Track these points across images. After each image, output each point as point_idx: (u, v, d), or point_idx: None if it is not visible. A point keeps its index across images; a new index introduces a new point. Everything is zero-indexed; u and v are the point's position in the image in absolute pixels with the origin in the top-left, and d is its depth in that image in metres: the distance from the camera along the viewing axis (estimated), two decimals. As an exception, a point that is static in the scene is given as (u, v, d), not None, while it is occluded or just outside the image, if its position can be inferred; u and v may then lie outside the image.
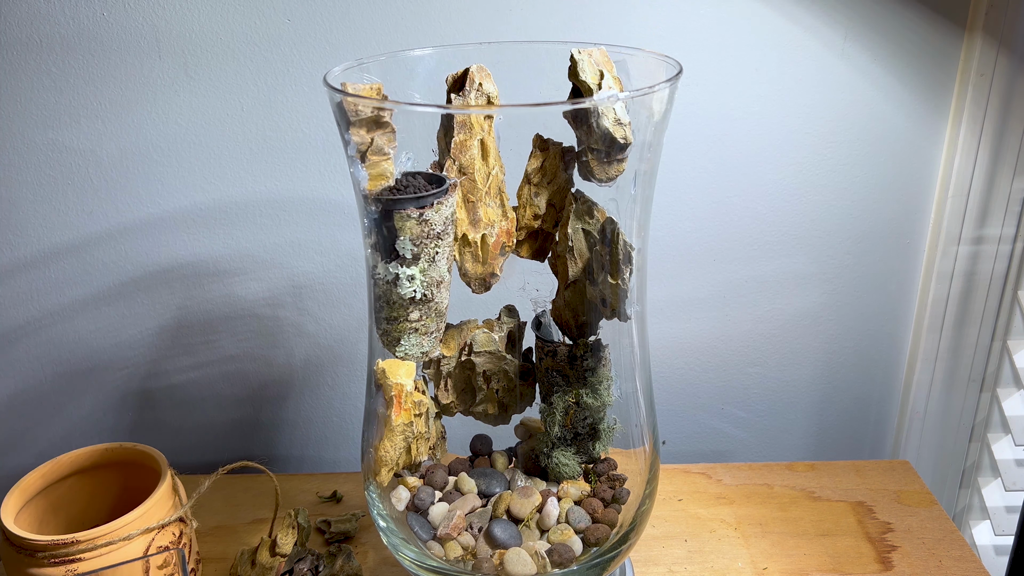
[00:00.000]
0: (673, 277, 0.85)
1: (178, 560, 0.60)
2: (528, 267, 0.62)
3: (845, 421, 0.93)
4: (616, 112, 0.53)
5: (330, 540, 0.74)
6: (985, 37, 0.76)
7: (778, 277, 0.86)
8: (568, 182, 0.59)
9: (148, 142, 0.79)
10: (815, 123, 0.80)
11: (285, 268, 0.84)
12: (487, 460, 0.67)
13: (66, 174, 0.80)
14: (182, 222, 0.82)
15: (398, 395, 0.57)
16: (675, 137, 0.79)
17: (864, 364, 0.90)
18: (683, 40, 0.76)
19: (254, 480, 0.83)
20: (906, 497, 0.79)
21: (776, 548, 0.73)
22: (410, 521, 0.61)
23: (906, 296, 0.87)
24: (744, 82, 0.78)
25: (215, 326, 0.86)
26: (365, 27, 0.75)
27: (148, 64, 0.76)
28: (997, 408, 0.86)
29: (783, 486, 0.81)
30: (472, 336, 0.62)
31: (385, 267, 0.54)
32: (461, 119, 0.54)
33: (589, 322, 0.61)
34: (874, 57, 0.77)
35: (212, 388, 0.88)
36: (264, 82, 0.77)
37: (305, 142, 0.79)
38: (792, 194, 0.82)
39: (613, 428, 0.63)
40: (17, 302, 0.84)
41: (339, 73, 0.55)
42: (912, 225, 0.84)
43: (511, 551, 0.58)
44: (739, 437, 0.93)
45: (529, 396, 0.65)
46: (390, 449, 0.59)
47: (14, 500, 0.63)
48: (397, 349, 0.57)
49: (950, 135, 0.81)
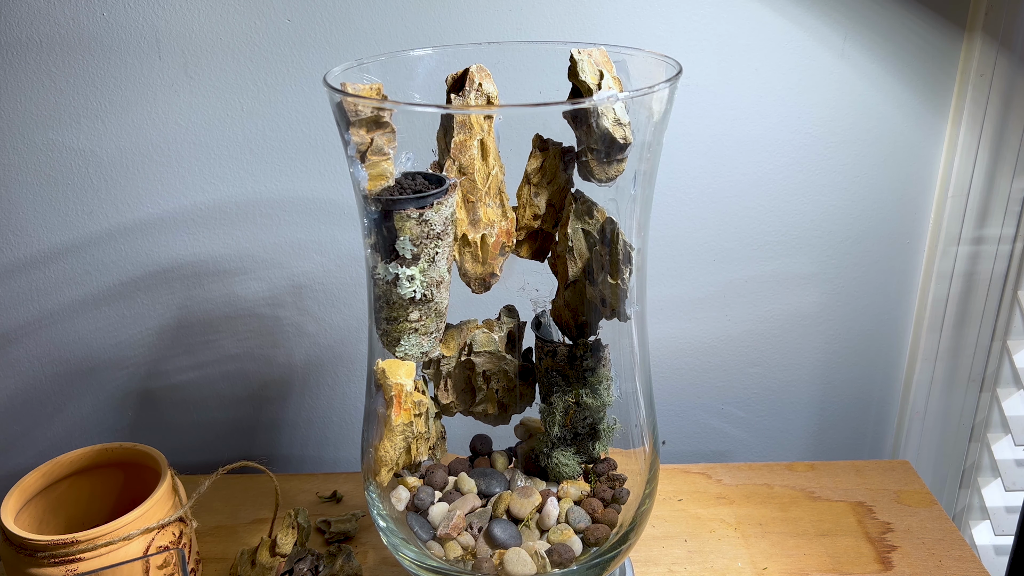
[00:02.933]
0: (673, 277, 0.85)
1: (178, 560, 0.60)
2: (528, 267, 0.62)
3: (845, 421, 0.93)
4: (616, 112, 0.53)
5: (330, 540, 0.74)
6: (985, 37, 0.76)
7: (778, 277, 0.86)
8: (568, 182, 0.59)
9: (148, 142, 0.79)
10: (815, 123, 0.80)
11: (285, 268, 0.84)
12: (487, 460, 0.67)
13: (66, 174, 0.80)
14: (182, 222, 0.82)
15: (398, 395, 0.57)
16: (675, 137, 0.79)
17: (864, 364, 0.90)
18: (683, 40, 0.76)
19: (254, 480, 0.83)
20: (906, 497, 0.79)
21: (776, 548, 0.73)
22: (410, 521, 0.61)
23: (906, 296, 0.87)
24: (744, 82, 0.78)
25: (215, 326, 0.86)
26: (365, 27, 0.75)
27: (148, 64, 0.76)
28: (997, 408, 0.86)
29: (783, 486, 0.81)
30: (472, 336, 0.62)
31: (385, 267, 0.54)
32: (461, 119, 0.54)
33: (589, 322, 0.61)
34: (874, 57, 0.77)
35: (212, 388, 0.88)
36: (264, 82, 0.77)
37: (305, 142, 0.79)
38: (792, 194, 0.82)
39: (613, 428, 0.63)
40: (17, 302, 0.84)
41: (339, 73, 0.55)
42: (912, 225, 0.84)
43: (511, 551, 0.58)
44: (739, 437, 0.93)
45: (529, 396, 0.65)
46: (390, 449, 0.59)
47: (14, 500, 0.63)
48: (397, 349, 0.57)
49: (950, 135, 0.81)
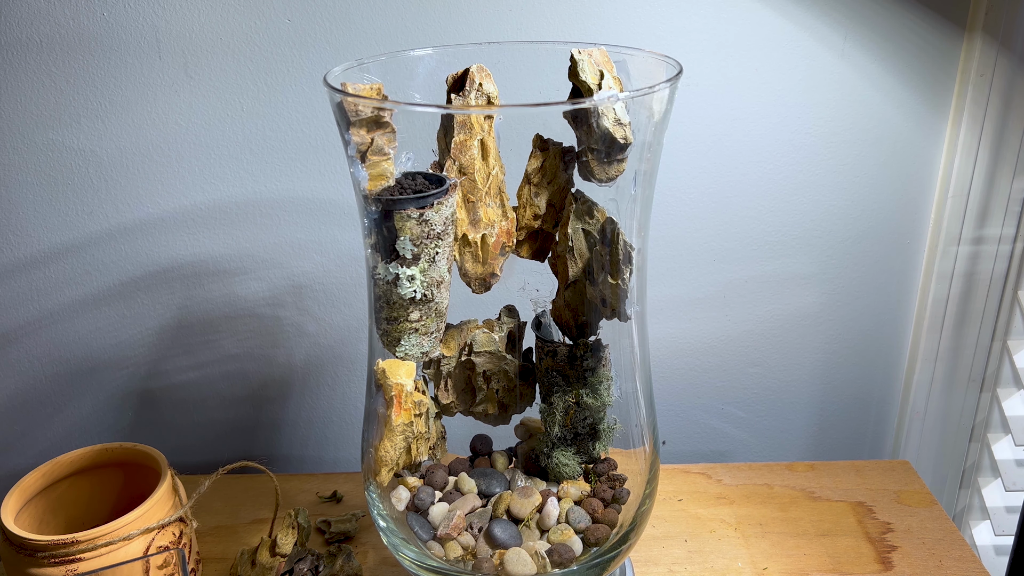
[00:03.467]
0: (673, 277, 0.85)
1: (178, 560, 0.60)
2: (528, 267, 0.62)
3: (845, 421, 0.93)
4: (616, 112, 0.53)
5: (330, 540, 0.74)
6: (985, 37, 0.76)
7: (778, 277, 0.86)
8: (568, 182, 0.59)
9: (148, 142, 0.79)
10: (815, 123, 0.80)
11: (285, 268, 0.84)
12: (487, 460, 0.67)
13: (66, 174, 0.80)
14: (182, 222, 0.82)
15: (398, 395, 0.57)
16: (675, 137, 0.79)
17: (864, 364, 0.90)
18: (683, 40, 0.76)
19: (254, 480, 0.83)
20: (906, 497, 0.79)
21: (776, 548, 0.73)
22: (410, 521, 0.61)
23: (906, 296, 0.87)
24: (744, 82, 0.78)
25: (216, 326, 0.86)
26: (365, 27, 0.75)
27: (148, 64, 0.76)
28: (997, 408, 0.86)
29: (783, 486, 0.81)
30: (472, 336, 0.62)
31: (385, 267, 0.54)
32: (461, 119, 0.54)
33: (589, 322, 0.61)
34: (874, 57, 0.77)
35: (212, 388, 0.88)
36: (264, 82, 0.77)
37: (305, 142, 0.79)
38: (792, 194, 0.82)
39: (613, 428, 0.63)
40: (17, 302, 0.84)
41: (339, 73, 0.55)
42: (912, 225, 0.84)
43: (511, 551, 0.58)
44: (739, 437, 0.93)
45: (529, 396, 0.65)
46: (390, 449, 0.59)
47: (14, 500, 0.63)
48: (397, 349, 0.57)
49: (950, 135, 0.81)
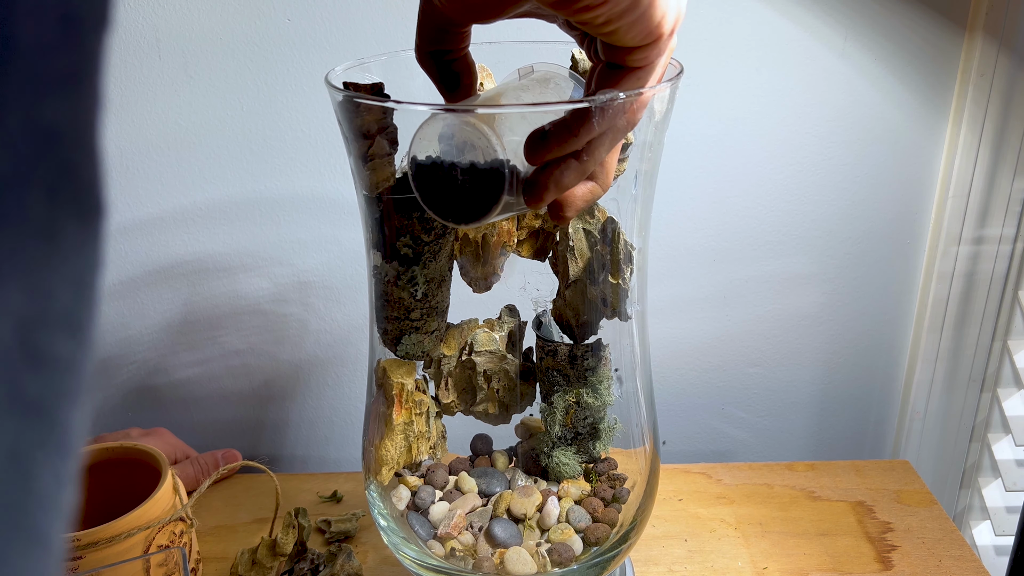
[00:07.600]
0: (673, 277, 0.85)
1: (178, 559, 0.60)
2: (529, 267, 0.62)
3: (845, 421, 0.93)
4: (617, 111, 0.53)
5: (330, 540, 0.74)
6: (985, 37, 0.76)
7: (778, 277, 0.86)
8: (568, 182, 0.59)
9: (148, 142, 0.79)
10: (815, 123, 0.80)
11: (288, 266, 0.84)
12: (487, 460, 0.67)
13: (66, 174, 0.79)
14: (182, 221, 0.82)
15: (399, 394, 0.57)
16: (675, 137, 0.79)
17: (864, 364, 0.90)
18: (684, 40, 0.76)
19: (254, 480, 0.83)
20: (906, 497, 0.79)
21: (776, 548, 0.73)
22: (410, 520, 0.61)
23: (906, 296, 0.87)
24: (744, 82, 0.78)
25: (220, 323, 0.86)
26: (365, 27, 0.75)
27: (148, 64, 0.76)
28: (997, 408, 0.86)
29: (783, 486, 0.81)
30: (473, 335, 0.62)
31: (386, 266, 0.54)
32: (462, 118, 0.54)
33: (590, 322, 0.61)
34: (874, 57, 0.77)
35: (213, 387, 0.88)
36: (264, 82, 0.77)
37: (305, 142, 0.79)
38: (792, 194, 0.82)
39: (613, 428, 0.63)
40: (17, 302, 0.84)
41: (341, 72, 0.55)
42: (912, 225, 0.84)
43: (511, 550, 0.58)
44: (739, 437, 0.93)
45: (529, 396, 0.65)
46: (391, 448, 0.59)
47: (14, 500, 0.63)
48: (398, 348, 0.57)
49: (950, 135, 0.81)
